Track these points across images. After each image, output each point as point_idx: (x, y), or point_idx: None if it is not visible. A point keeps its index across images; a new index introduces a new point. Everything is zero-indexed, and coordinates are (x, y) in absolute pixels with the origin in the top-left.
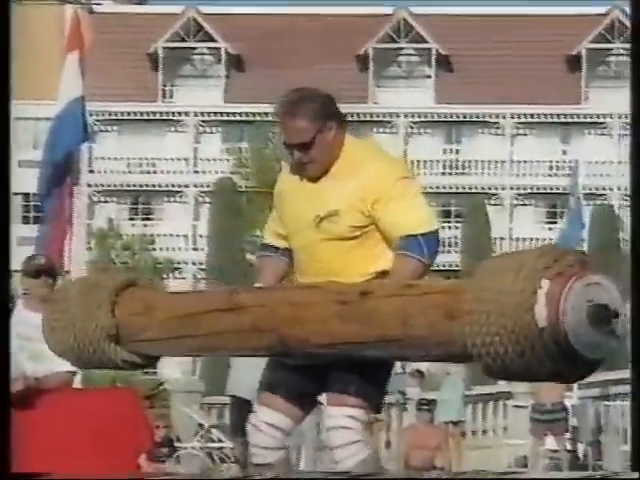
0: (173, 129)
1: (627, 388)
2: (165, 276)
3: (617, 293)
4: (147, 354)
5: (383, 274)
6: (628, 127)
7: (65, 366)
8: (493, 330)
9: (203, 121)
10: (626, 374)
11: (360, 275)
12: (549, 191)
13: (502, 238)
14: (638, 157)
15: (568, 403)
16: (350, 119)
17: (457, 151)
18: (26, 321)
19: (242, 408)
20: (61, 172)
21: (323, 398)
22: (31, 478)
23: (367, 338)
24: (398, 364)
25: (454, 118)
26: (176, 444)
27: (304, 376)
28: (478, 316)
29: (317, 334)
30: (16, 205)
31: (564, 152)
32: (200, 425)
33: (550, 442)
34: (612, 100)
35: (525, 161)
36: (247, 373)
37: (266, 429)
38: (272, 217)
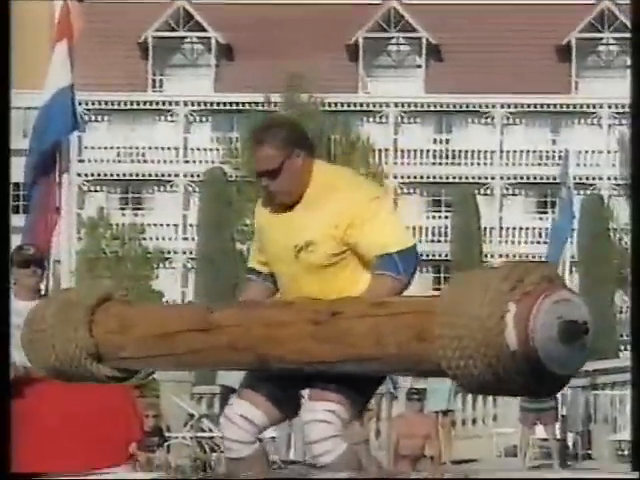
0: (163, 118)
1: (616, 377)
2: (155, 265)
3: (585, 308)
4: (128, 369)
5: None
6: (618, 117)
7: None
8: (466, 354)
9: (193, 110)
10: (614, 363)
11: None
12: (539, 181)
13: (492, 228)
14: (638, 147)
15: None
16: (340, 109)
17: (447, 141)
18: (17, 310)
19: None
20: (48, 161)
21: (305, 392)
22: (31, 478)
23: (340, 357)
24: None
25: (444, 108)
26: (166, 434)
27: (290, 382)
28: (449, 341)
29: (292, 353)
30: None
31: (554, 142)
32: (190, 415)
33: (540, 431)
34: (602, 90)
35: (515, 151)
36: None
37: (240, 422)
38: (254, 244)
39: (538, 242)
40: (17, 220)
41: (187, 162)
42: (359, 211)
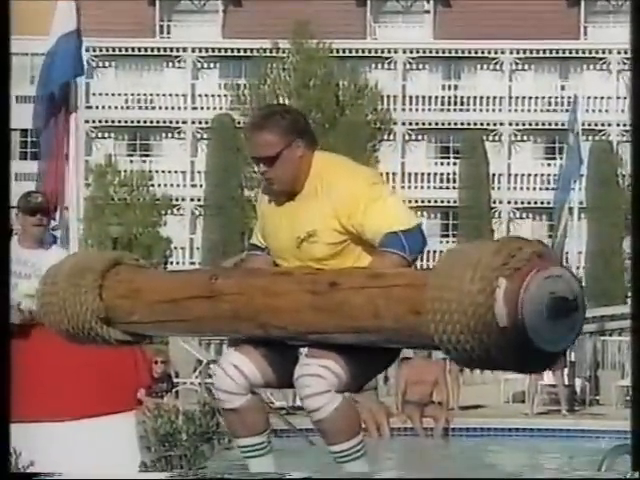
0: (171, 65)
1: (623, 323)
2: (163, 212)
3: (576, 284)
4: (138, 333)
5: None
6: (627, 62)
7: None
8: (457, 329)
9: (201, 57)
10: (622, 309)
11: None
12: (548, 127)
13: (500, 174)
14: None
15: None
16: (348, 55)
17: (455, 87)
18: (20, 258)
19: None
20: (55, 107)
21: (303, 351)
22: (31, 478)
23: (337, 328)
24: None
25: (452, 54)
26: (175, 379)
27: (289, 349)
28: (441, 315)
29: (291, 323)
30: (14, 141)
31: (563, 87)
32: (199, 361)
33: (548, 377)
34: (611, 35)
35: (524, 97)
36: None
37: (231, 372)
38: (257, 224)
39: (547, 188)
40: (27, 167)
41: (195, 109)
42: (360, 198)
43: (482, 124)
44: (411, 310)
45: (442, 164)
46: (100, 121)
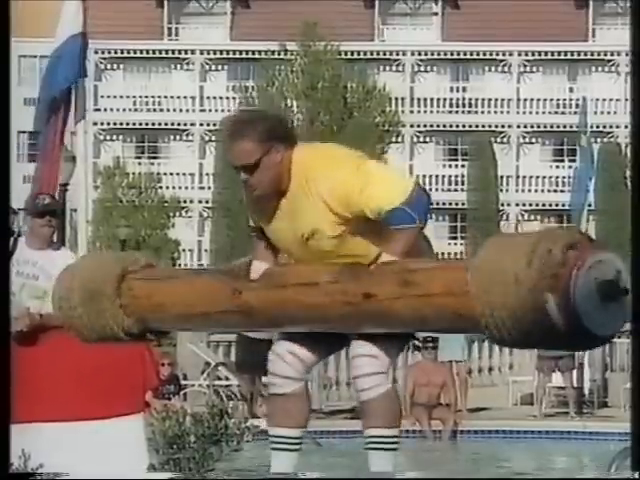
0: (179, 67)
1: (633, 325)
2: (172, 214)
3: (618, 261)
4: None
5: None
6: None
7: None
8: (507, 325)
9: (209, 59)
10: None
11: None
12: (556, 129)
13: (509, 176)
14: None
15: None
16: (356, 57)
17: (464, 89)
18: (29, 260)
19: (248, 346)
20: (57, 109)
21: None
22: (29, 478)
23: (381, 331)
24: None
25: (461, 56)
26: (183, 382)
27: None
28: (490, 319)
29: (324, 328)
30: (22, 143)
31: (571, 90)
32: (207, 363)
33: (557, 379)
34: (619, 37)
35: (532, 99)
36: None
37: (289, 359)
38: (251, 217)
39: (555, 190)
40: (32, 169)
41: (203, 111)
42: (350, 184)
43: (490, 126)
44: (456, 314)
45: (450, 166)
46: (108, 123)
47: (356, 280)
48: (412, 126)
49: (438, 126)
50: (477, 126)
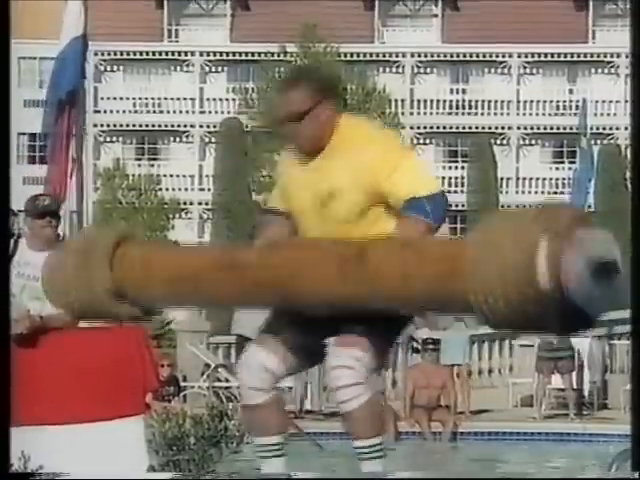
0: (179, 69)
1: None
2: (171, 216)
3: (616, 246)
4: (148, 308)
5: None
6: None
7: None
8: (496, 293)
9: (209, 61)
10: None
11: None
12: (555, 131)
13: (509, 178)
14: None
15: (574, 342)
16: (356, 59)
17: (463, 91)
18: (29, 261)
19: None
20: (63, 111)
21: (330, 340)
22: (29, 478)
23: (367, 298)
24: None
25: (460, 57)
26: (183, 383)
27: (310, 329)
28: (480, 283)
29: (317, 294)
30: (22, 145)
31: (571, 91)
32: (207, 365)
33: (556, 380)
34: (619, 39)
35: (532, 101)
36: (252, 312)
37: (257, 370)
38: (275, 191)
39: (555, 192)
40: (35, 170)
41: (203, 112)
42: (384, 162)
43: (490, 128)
44: (446, 277)
45: (450, 168)
46: (108, 125)
47: (357, 242)
48: (412, 128)
49: (438, 128)
50: (477, 128)
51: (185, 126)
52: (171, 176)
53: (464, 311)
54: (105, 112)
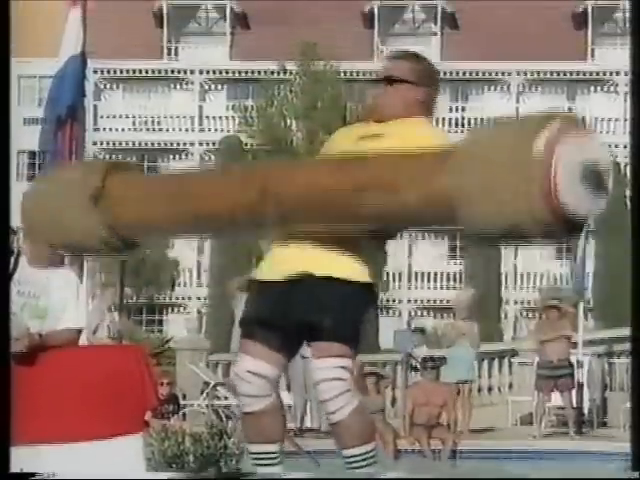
0: (179, 87)
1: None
2: None
3: (605, 150)
4: (130, 236)
5: None
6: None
7: (71, 323)
8: (494, 199)
9: (208, 79)
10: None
11: None
12: None
13: None
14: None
15: (574, 359)
16: (356, 77)
17: (463, 109)
18: (30, 279)
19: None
20: (62, 128)
21: (307, 351)
22: (29, 478)
23: (356, 188)
24: (402, 323)
25: (460, 75)
26: (182, 401)
27: (281, 325)
28: (470, 188)
29: (305, 188)
30: (22, 163)
31: (570, 109)
32: (206, 383)
33: (556, 399)
34: (618, 57)
35: None
36: None
37: (250, 378)
38: None
39: None
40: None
41: (202, 130)
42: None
43: None
44: (432, 180)
45: None
46: (108, 143)
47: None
48: None
49: None
50: None
51: (185, 144)
52: None
53: (451, 224)
54: (104, 130)
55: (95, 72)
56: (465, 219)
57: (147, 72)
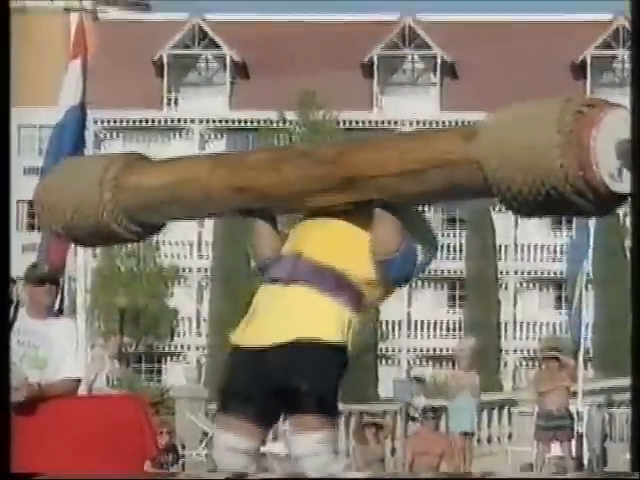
0: (178, 136)
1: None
2: (170, 283)
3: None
4: (145, 222)
5: None
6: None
7: (70, 373)
8: (533, 187)
9: (208, 128)
10: (630, 381)
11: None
12: None
13: (507, 245)
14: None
15: (573, 410)
16: (355, 126)
17: None
18: (29, 329)
19: None
20: None
21: (285, 425)
22: (31, 478)
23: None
24: (402, 372)
25: (460, 125)
26: (181, 451)
27: (258, 395)
28: (505, 170)
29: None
30: (22, 212)
31: None
32: (205, 433)
33: (555, 449)
34: None
35: None
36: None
37: (229, 455)
38: None
39: (553, 259)
40: (35, 238)
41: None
42: None
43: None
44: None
45: (449, 235)
46: None
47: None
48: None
49: None
50: None
51: None
52: (170, 243)
53: (483, 195)
54: None
55: (95, 122)
56: (502, 183)
57: (147, 122)
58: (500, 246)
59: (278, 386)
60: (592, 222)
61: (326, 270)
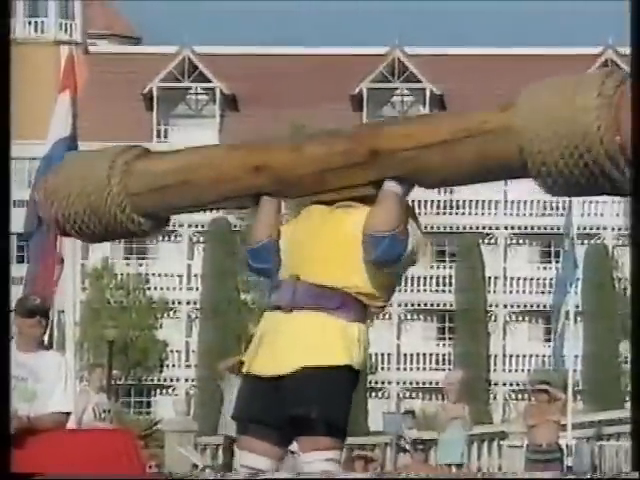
0: None
1: (621, 428)
2: (159, 315)
3: None
4: (149, 212)
5: None
6: None
7: (59, 407)
8: (567, 153)
9: None
10: (620, 414)
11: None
12: (543, 231)
13: (496, 277)
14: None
15: (563, 443)
16: None
17: (451, 191)
18: (19, 361)
19: (234, 447)
20: None
21: (294, 446)
22: (31, 478)
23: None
24: (391, 404)
25: None
26: None
27: (275, 420)
28: (540, 136)
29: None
30: (11, 245)
31: None
32: (195, 465)
33: None
34: None
35: (519, 201)
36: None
37: (252, 473)
38: None
39: (542, 292)
40: (21, 270)
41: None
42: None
43: (478, 227)
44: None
45: (439, 267)
46: None
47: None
48: None
49: (426, 228)
50: (465, 227)
51: (174, 225)
52: (159, 275)
53: (513, 171)
54: None
55: None
56: (537, 153)
57: None
58: (490, 278)
59: (290, 412)
60: (579, 256)
61: (327, 290)
